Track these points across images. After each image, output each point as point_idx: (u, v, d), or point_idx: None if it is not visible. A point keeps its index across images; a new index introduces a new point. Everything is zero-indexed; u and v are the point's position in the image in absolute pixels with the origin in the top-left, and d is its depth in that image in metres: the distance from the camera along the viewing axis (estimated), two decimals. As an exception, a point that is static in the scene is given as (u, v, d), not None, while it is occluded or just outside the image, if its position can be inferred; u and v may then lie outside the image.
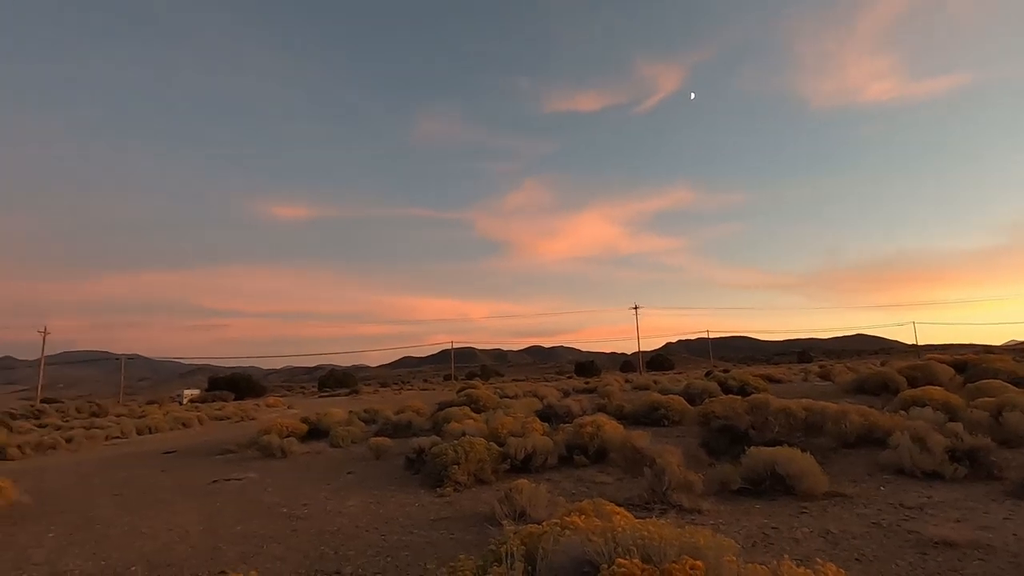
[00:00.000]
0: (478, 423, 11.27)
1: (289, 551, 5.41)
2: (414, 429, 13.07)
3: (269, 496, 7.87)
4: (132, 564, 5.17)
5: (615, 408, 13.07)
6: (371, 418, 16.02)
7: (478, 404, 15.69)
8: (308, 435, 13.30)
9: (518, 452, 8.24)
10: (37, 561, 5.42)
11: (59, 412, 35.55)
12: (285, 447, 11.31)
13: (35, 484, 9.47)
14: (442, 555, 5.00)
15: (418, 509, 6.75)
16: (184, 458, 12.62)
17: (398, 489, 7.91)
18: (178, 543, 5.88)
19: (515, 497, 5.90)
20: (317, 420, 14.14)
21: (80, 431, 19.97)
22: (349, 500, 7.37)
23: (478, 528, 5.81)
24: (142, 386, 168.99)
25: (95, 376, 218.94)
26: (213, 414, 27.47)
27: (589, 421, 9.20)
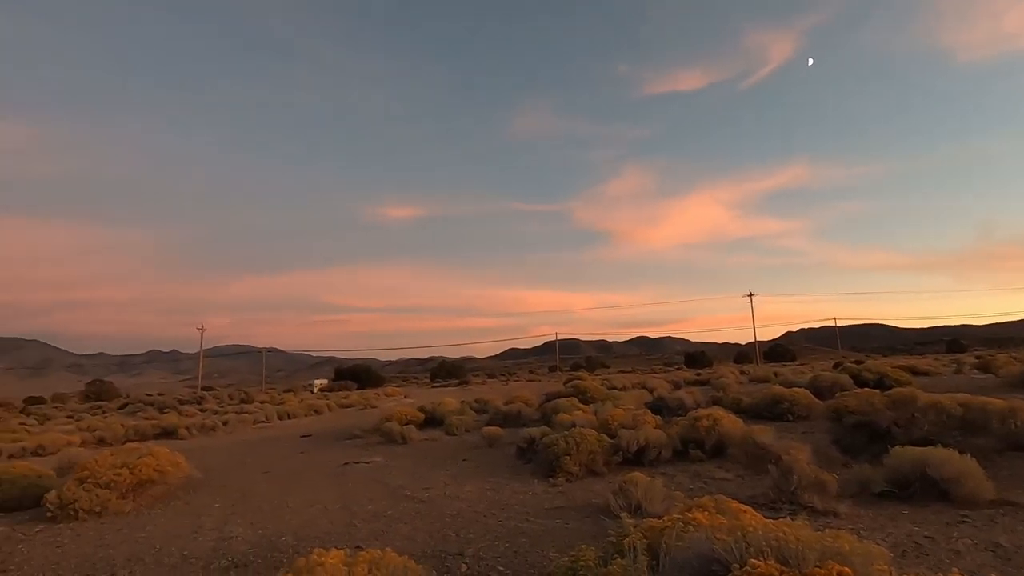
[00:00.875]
0: (587, 414, 11.24)
1: (415, 531, 5.76)
2: (523, 419, 13.33)
3: (394, 479, 8.44)
4: (283, 535, 5.81)
5: (731, 401, 12.41)
6: (482, 408, 16.57)
7: (586, 395, 15.64)
8: (425, 423, 14.06)
9: (630, 444, 8.10)
10: (208, 527, 6.26)
11: (216, 399, 40.65)
12: (405, 434, 12.05)
13: (202, 461, 10.89)
14: (559, 543, 5.06)
15: (532, 498, 6.89)
16: (319, 441, 13.89)
17: (511, 477, 8.13)
18: (319, 518, 6.49)
19: (630, 490, 5.82)
20: (432, 409, 14.90)
21: (233, 416, 22.71)
22: (466, 486, 7.70)
23: (593, 519, 5.81)
24: (279, 376, 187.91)
25: (241, 367, 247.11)
26: (340, 402, 29.93)
27: (705, 414, 8.82)
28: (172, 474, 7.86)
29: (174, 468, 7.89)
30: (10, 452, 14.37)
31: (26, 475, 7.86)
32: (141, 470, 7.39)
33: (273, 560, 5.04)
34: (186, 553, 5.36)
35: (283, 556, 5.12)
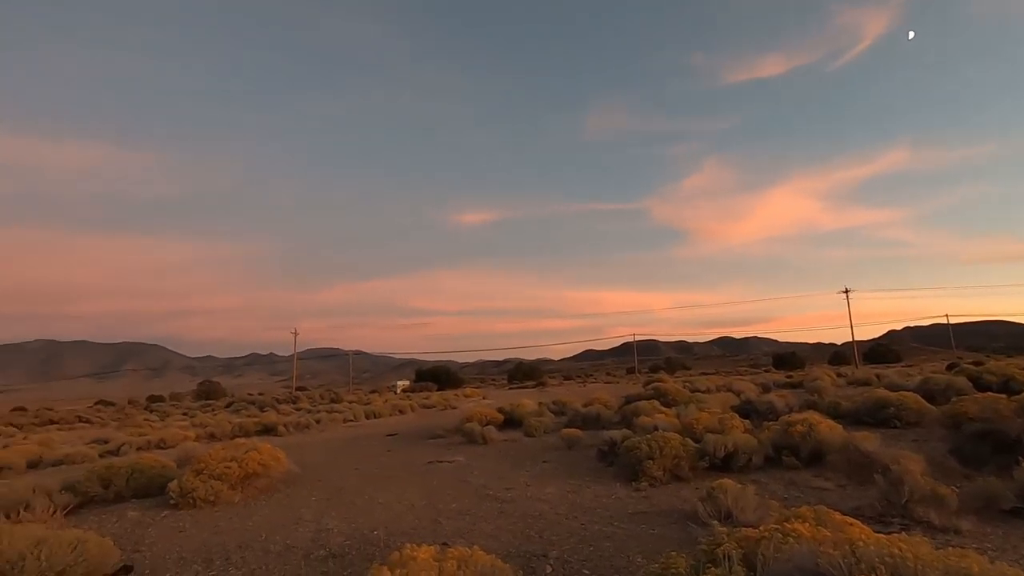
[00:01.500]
0: (669, 418, 10.90)
1: (499, 530, 5.84)
2: (603, 422, 13.15)
3: (476, 478, 8.60)
4: (375, 529, 6.08)
5: (828, 405, 11.58)
6: (560, 410, 16.53)
7: (667, 398, 15.19)
8: (504, 424, 14.22)
9: (717, 449, 7.77)
10: (307, 519, 6.68)
11: (308, 398, 43.31)
12: (485, 434, 12.25)
13: (299, 456, 11.63)
14: (645, 549, 4.95)
15: (615, 501, 6.78)
16: (404, 440, 14.42)
17: (593, 480, 8.04)
18: (407, 514, 6.74)
19: (719, 497, 5.58)
20: (511, 410, 15.04)
21: (324, 414, 24.08)
22: (547, 487, 7.71)
23: (679, 525, 5.63)
24: (365, 377, 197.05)
25: (330, 368, 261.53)
26: (422, 402, 30.93)
27: (799, 419, 8.29)
28: (274, 468, 8.46)
29: (275, 463, 8.49)
30: (138, 445, 16.05)
31: (152, 466, 8.76)
32: (247, 464, 8.01)
33: (366, 553, 5.29)
34: (288, 543, 5.75)
35: (375, 550, 5.36)
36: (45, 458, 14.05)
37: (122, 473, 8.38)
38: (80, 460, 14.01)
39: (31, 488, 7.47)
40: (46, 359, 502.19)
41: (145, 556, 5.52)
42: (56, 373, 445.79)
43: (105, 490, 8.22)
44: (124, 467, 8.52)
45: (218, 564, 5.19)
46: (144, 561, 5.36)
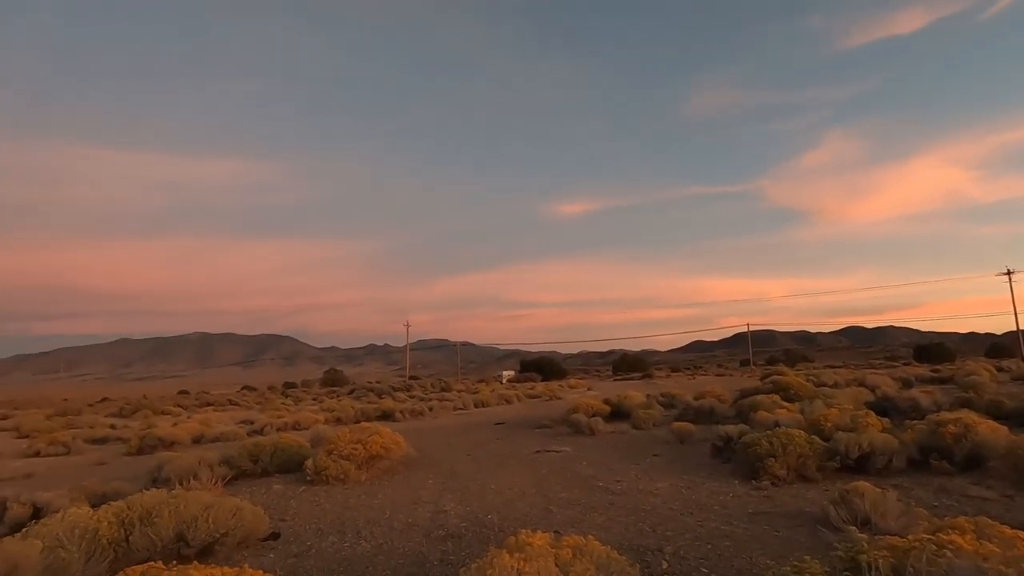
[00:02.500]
0: (792, 413, 10.15)
1: (610, 522, 5.80)
2: (716, 416, 12.55)
3: (585, 469, 8.59)
4: (488, 513, 6.31)
5: (988, 404, 10.14)
6: (669, 402, 16.02)
7: (788, 392, 14.14)
8: (611, 416, 14.06)
9: (850, 449, 7.11)
10: (426, 500, 7.08)
11: (421, 387, 45.74)
12: (592, 425, 12.20)
13: (415, 441, 12.33)
14: (769, 551, 4.67)
15: (733, 499, 6.45)
16: (511, 429, 14.78)
17: (707, 476, 7.71)
18: (518, 500, 6.91)
19: (854, 501, 5.10)
20: (618, 402, 14.83)
21: (436, 402, 25.32)
22: (659, 482, 7.51)
23: (806, 528, 5.24)
24: (471, 367, 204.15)
25: (439, 359, 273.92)
26: (527, 392, 31.44)
27: (951, 418, 7.34)
28: (394, 451, 9.05)
29: (396, 446, 9.07)
30: (277, 426, 17.94)
31: (291, 445, 9.74)
32: (371, 446, 8.65)
33: (481, 535, 5.50)
34: (410, 521, 6.14)
35: (490, 532, 5.56)
36: (205, 435, 16.17)
37: (267, 450, 9.42)
38: (232, 438, 15.94)
39: (197, 460, 8.63)
40: (202, 349, 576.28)
41: (289, 525, 6.17)
42: (210, 362, 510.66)
43: (254, 465, 9.29)
44: (268, 445, 9.56)
45: (350, 536, 5.67)
46: (289, 529, 6.00)
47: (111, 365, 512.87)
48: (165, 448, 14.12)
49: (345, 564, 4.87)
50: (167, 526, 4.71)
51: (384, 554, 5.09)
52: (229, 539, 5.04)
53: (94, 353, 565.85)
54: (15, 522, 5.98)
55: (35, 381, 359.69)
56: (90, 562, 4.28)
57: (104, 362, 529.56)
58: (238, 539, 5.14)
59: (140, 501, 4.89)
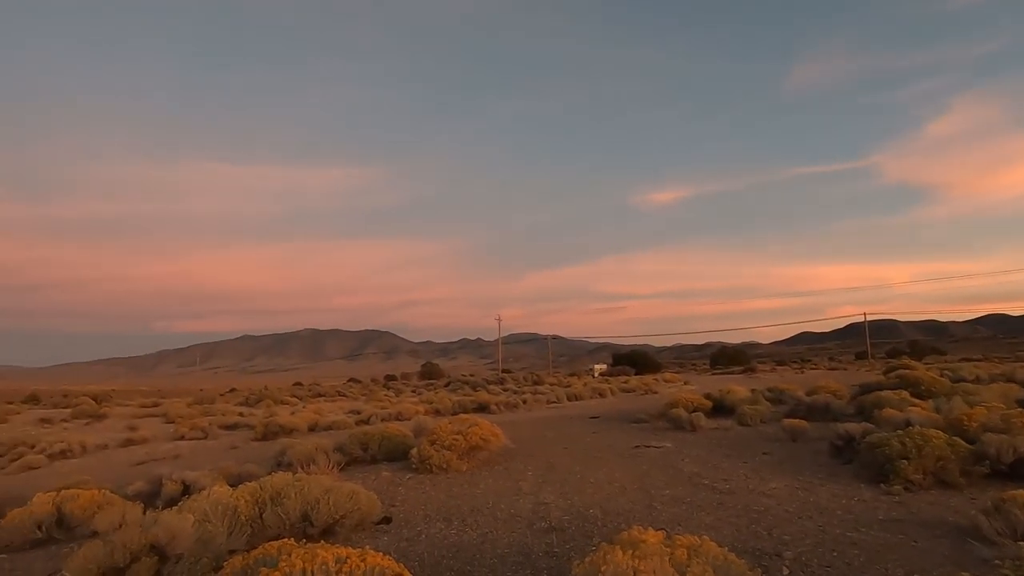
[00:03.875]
0: (926, 411, 9.12)
1: (719, 522, 5.53)
2: (833, 413, 11.58)
3: (687, 466, 8.27)
4: (590, 507, 6.25)
5: None
6: (777, 397, 15.03)
7: (919, 388, 12.72)
8: (712, 411, 13.43)
9: (1002, 453, 6.26)
10: (526, 492, 7.15)
11: (513, 380, 46.39)
12: (693, 421, 11.72)
13: (511, 433, 12.50)
14: (906, 563, 4.22)
15: (858, 504, 5.92)
16: (606, 423, 14.57)
17: (826, 477, 7.14)
18: (618, 496, 6.79)
19: (1012, 511, 4.49)
20: (720, 397, 14.14)
21: (529, 395, 25.56)
22: (771, 482, 7.06)
23: (951, 540, 4.69)
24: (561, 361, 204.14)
25: (530, 352, 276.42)
26: (620, 386, 30.90)
27: None
28: (493, 443, 9.23)
29: (494, 438, 9.25)
30: (382, 416, 18.98)
31: (396, 434, 10.25)
32: (471, 437, 8.88)
33: (584, 530, 5.46)
34: (512, 512, 6.23)
35: (593, 527, 5.51)
36: (319, 424, 17.46)
37: (375, 439, 9.97)
38: (342, 426, 17.08)
39: (314, 447, 9.33)
40: (312, 345, 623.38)
41: (399, 510, 6.49)
42: (319, 355, 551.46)
43: (364, 452, 9.87)
44: (376, 434, 10.12)
45: (456, 524, 5.86)
46: (399, 515, 6.30)
47: (237, 359, 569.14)
48: (285, 435, 15.44)
49: (453, 551, 5.04)
50: (294, 507, 5.12)
51: (490, 543, 5.20)
52: (347, 521, 5.39)
53: (223, 348, 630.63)
54: (169, 497, 6.80)
55: (177, 373, 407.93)
56: (232, 536, 4.75)
57: (231, 356, 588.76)
58: (355, 522, 5.49)
59: (270, 483, 5.35)
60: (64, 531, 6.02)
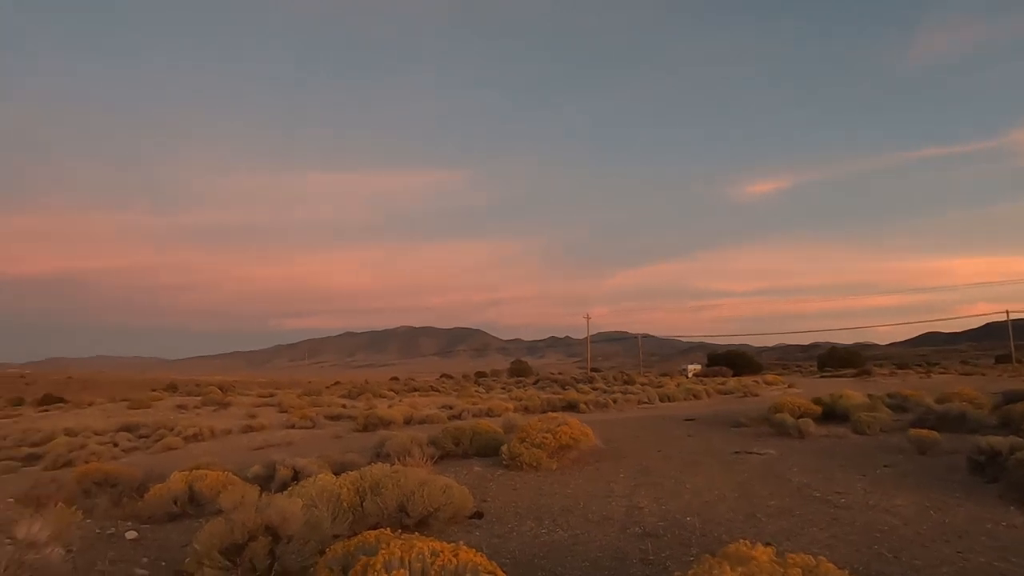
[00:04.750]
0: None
1: (834, 539, 5.06)
2: (970, 423, 10.24)
3: (796, 476, 7.65)
4: (687, 515, 5.95)
5: None
6: (900, 404, 13.55)
7: (1081, 398, 10.91)
8: (823, 417, 12.38)
9: None
10: (618, 494, 6.96)
11: (603, 379, 45.72)
12: (801, 427, 10.85)
13: (602, 433, 12.26)
14: (1075, 604, 3.60)
15: (1007, 530, 5.16)
16: (703, 426, 13.89)
17: (964, 497, 6.30)
18: (718, 503, 6.41)
19: None
20: (832, 402, 12.99)
21: (619, 395, 25.04)
22: (896, 498, 6.35)
23: None
24: (652, 360, 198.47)
25: (618, 351, 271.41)
26: (717, 388, 29.44)
27: None
28: (583, 442, 9.10)
29: (584, 437, 9.11)
30: (473, 412, 19.41)
31: (487, 430, 10.42)
32: (561, 436, 8.81)
33: (681, 538, 5.20)
34: (604, 514, 6.08)
35: (691, 536, 5.24)
36: (414, 417, 18.20)
37: (467, 434, 10.19)
38: (435, 420, 17.69)
39: (410, 440, 9.69)
40: (407, 341, 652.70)
41: (491, 506, 6.56)
42: (414, 352, 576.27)
43: (456, 447, 10.12)
44: (468, 430, 10.34)
45: (547, 523, 5.81)
46: (490, 510, 6.37)
47: (339, 354, 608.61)
48: (384, 427, 16.25)
49: (545, 550, 5.00)
50: (391, 497, 5.32)
51: (581, 544, 5.10)
52: (441, 514, 5.52)
53: (327, 344, 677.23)
54: (281, 482, 7.34)
55: (288, 367, 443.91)
56: (335, 521, 5.02)
57: (334, 351, 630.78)
58: (448, 515, 5.61)
59: (370, 473, 5.61)
60: (195, 507, 6.68)
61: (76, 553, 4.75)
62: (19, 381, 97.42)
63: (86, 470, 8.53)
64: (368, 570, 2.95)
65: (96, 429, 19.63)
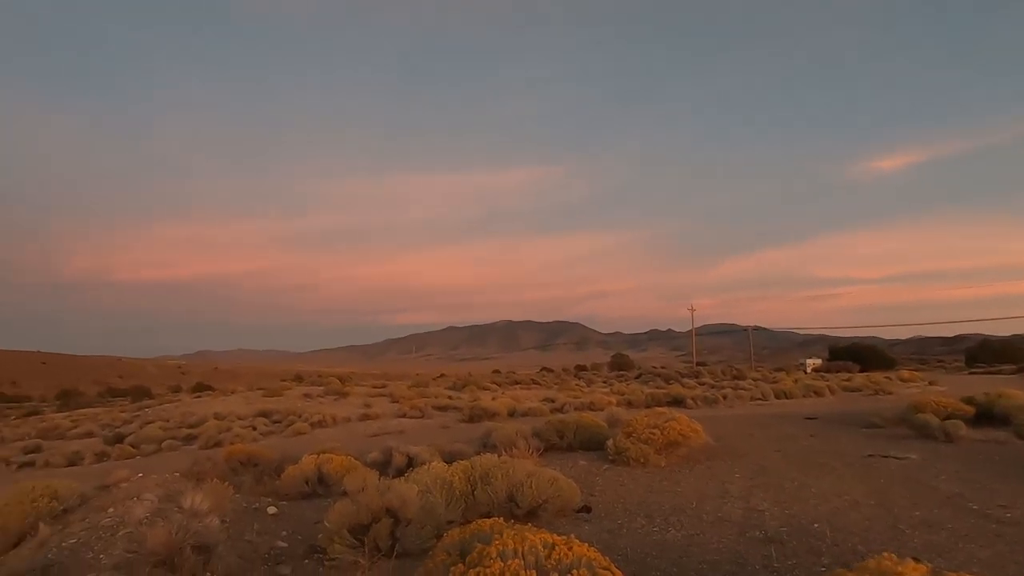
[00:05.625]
0: None
1: (999, 559, 4.43)
2: None
3: (944, 484, 6.80)
4: (814, 521, 5.49)
5: None
6: (1078, 406, 11.54)
7: None
8: (975, 419, 10.87)
9: None
10: (734, 495, 6.59)
11: (710, 374, 43.61)
12: (948, 430, 9.61)
13: (712, 430, 11.67)
14: None
15: None
16: (826, 425, 12.77)
17: None
18: (849, 510, 5.86)
19: None
20: (987, 402, 11.37)
21: (729, 391, 23.73)
22: (1078, 516, 5.42)
23: None
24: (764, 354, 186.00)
25: (726, 345, 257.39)
26: (841, 384, 26.91)
27: None
28: (692, 439, 8.73)
29: (694, 434, 8.74)
30: (575, 405, 19.37)
31: (591, 424, 10.33)
32: (669, 432, 8.52)
33: (810, 546, 4.81)
34: (720, 515, 5.78)
35: (821, 545, 4.83)
36: (517, 409, 18.50)
37: (570, 427, 10.18)
38: (538, 413, 17.85)
39: (515, 431, 9.86)
40: (507, 335, 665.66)
41: (598, 500, 6.50)
42: (513, 346, 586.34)
43: (560, 440, 10.14)
44: (571, 423, 10.32)
45: (658, 521, 5.64)
46: (598, 505, 6.31)
47: (443, 348, 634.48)
48: (488, 418, 16.69)
49: (658, 549, 4.85)
50: (501, 487, 5.44)
51: (697, 546, 4.89)
52: (549, 506, 5.55)
53: (432, 338, 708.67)
54: (397, 468, 7.80)
55: (397, 359, 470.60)
56: (449, 507, 5.24)
57: (439, 345, 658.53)
58: (556, 508, 5.63)
59: (479, 463, 5.78)
60: (323, 487, 7.28)
61: (229, 523, 5.36)
62: (176, 371, 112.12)
63: (233, 450, 9.62)
64: (484, 558, 3.03)
65: (239, 414, 22.12)
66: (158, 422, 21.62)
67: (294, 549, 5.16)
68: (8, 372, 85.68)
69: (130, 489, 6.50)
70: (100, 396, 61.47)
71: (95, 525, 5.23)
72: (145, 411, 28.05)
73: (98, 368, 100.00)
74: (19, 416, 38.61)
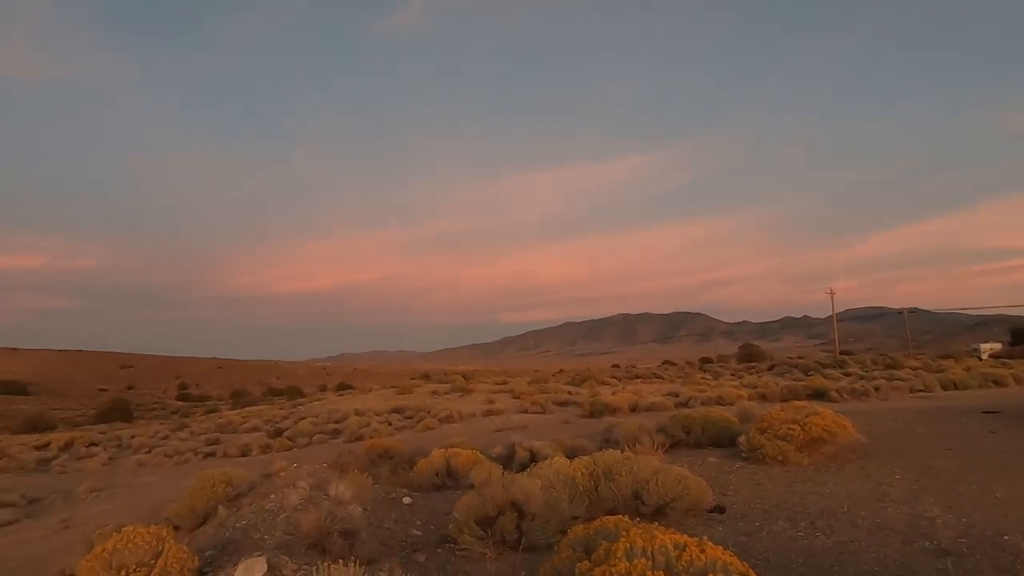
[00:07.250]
0: None
1: None
2: None
3: None
4: (1003, 532, 4.67)
5: None
6: None
7: None
8: None
9: None
10: (895, 499, 5.82)
11: (858, 363, 39.19)
12: None
13: (864, 426, 10.44)
14: None
15: None
16: (1011, 420, 10.86)
17: None
18: (1050, 522, 4.91)
19: None
20: None
21: (882, 382, 21.14)
22: None
23: None
24: (924, 340, 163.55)
25: (876, 330, 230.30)
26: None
27: None
28: (840, 436, 7.86)
29: (841, 430, 7.87)
30: (701, 400, 18.40)
31: (720, 419, 9.72)
32: (811, 428, 7.74)
33: (997, 561, 4.11)
34: (878, 521, 5.14)
35: (1012, 560, 4.10)
36: (639, 404, 18.01)
37: (698, 423, 9.66)
38: (661, 408, 17.23)
39: (637, 427, 9.59)
40: (625, 329, 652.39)
41: (732, 501, 6.09)
42: (632, 339, 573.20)
43: (686, 436, 9.66)
44: (699, 418, 9.80)
45: (803, 525, 5.15)
46: (732, 505, 5.91)
47: (561, 343, 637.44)
48: (609, 413, 16.43)
49: (805, 556, 4.42)
50: (625, 484, 5.30)
51: (851, 554, 4.39)
52: (678, 505, 5.30)
53: (550, 334, 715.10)
54: (520, 462, 7.94)
55: (516, 356, 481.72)
56: (572, 503, 5.21)
57: (556, 341, 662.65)
58: (685, 506, 5.36)
59: (602, 458, 5.68)
60: (452, 480, 7.61)
61: (369, 511, 5.80)
62: (323, 372, 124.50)
63: (372, 444, 10.42)
64: (610, 556, 2.95)
65: (376, 410, 23.97)
66: (309, 418, 24.11)
67: (427, 538, 5.45)
68: (193, 376, 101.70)
69: (287, 478, 7.30)
70: (263, 395, 69.98)
71: (261, 509, 5.93)
72: (298, 408, 31.45)
73: (261, 371, 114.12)
74: (203, 413, 45.47)
